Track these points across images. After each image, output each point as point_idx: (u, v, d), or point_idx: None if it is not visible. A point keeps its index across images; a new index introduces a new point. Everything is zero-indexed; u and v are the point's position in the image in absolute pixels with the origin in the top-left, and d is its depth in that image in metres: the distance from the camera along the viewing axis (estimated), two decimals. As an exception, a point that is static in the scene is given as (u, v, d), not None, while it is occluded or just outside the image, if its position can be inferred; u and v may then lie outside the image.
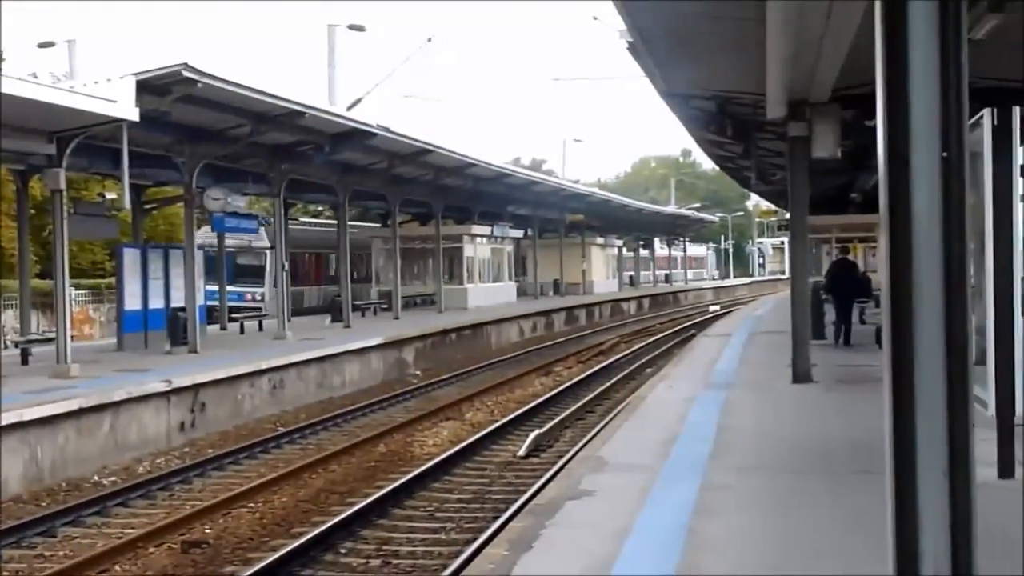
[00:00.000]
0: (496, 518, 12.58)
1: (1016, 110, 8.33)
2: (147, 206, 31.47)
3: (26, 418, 15.45)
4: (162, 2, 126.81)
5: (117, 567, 11.59)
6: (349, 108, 35.84)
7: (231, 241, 42.50)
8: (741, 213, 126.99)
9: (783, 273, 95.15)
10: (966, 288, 2.56)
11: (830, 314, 24.02)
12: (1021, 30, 12.31)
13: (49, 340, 22.24)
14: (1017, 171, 8.49)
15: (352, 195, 35.57)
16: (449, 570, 10.52)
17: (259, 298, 41.72)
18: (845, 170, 23.96)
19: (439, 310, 41.60)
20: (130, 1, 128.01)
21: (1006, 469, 8.97)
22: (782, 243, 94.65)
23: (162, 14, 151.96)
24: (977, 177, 8.08)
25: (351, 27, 38.40)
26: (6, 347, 25.99)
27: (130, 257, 26.10)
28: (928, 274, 2.56)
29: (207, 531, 12.97)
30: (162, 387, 18.81)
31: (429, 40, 43.63)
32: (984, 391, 8.38)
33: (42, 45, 37.03)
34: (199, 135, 25.22)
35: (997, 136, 8.18)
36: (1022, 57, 14.68)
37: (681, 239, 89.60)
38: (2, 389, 16.71)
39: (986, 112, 8.19)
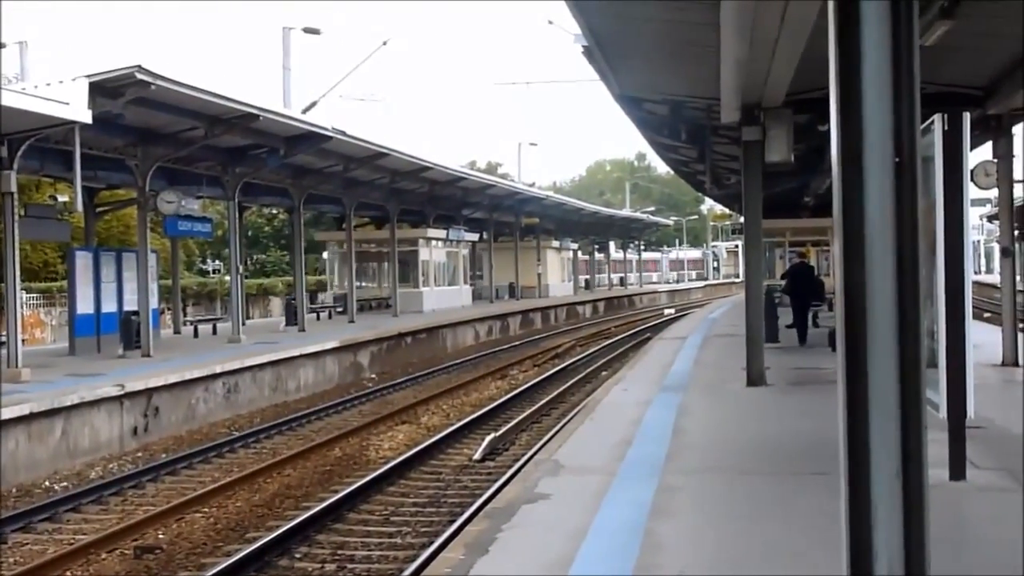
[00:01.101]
0: (452, 522, 12.56)
1: (966, 115, 8.44)
2: (100, 209, 31.17)
3: (-24, 423, 15.26)
4: (116, 3, 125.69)
5: (69, 573, 11.48)
6: (304, 111, 35.64)
7: None
8: (696, 217, 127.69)
9: (737, 276, 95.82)
10: (919, 291, 2.58)
11: (784, 317, 24.19)
12: (970, 36, 12.50)
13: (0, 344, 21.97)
14: (967, 176, 8.59)
15: (307, 198, 35.42)
16: (405, 574, 10.50)
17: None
18: (798, 173, 24.12)
19: (394, 313, 41.47)
20: (83, 1, 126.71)
21: (957, 471, 9.08)
22: (736, 246, 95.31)
23: (116, 16, 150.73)
24: (928, 182, 8.16)
25: (306, 30, 38.33)
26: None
27: (82, 260, 25.84)
28: (881, 277, 2.58)
29: (160, 536, 12.86)
30: (115, 391, 18.63)
31: (385, 43, 43.35)
32: (935, 393, 8.47)
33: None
34: (152, 138, 25.03)
35: (948, 141, 8.27)
36: (971, 62, 14.92)
37: (636, 242, 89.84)
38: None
39: (937, 117, 8.27)
